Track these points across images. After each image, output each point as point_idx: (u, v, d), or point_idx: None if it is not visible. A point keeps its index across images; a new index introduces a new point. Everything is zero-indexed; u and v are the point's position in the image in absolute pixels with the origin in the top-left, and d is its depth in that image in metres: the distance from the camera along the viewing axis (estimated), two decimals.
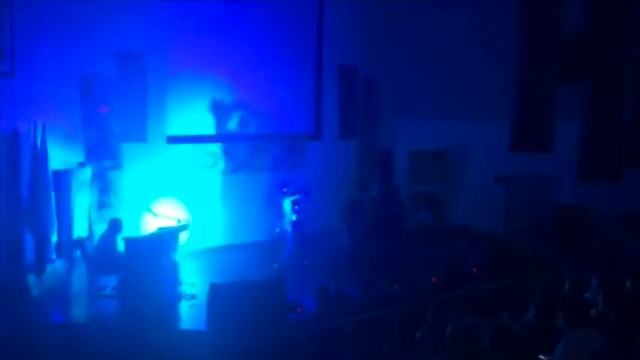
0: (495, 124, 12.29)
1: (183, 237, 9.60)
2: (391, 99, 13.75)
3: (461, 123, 12.95)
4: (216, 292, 8.22)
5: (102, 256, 8.99)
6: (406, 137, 13.76)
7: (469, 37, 12.88)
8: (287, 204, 10.66)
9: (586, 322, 5.09)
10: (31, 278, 8.67)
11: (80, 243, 9.13)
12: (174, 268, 8.95)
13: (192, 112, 11.36)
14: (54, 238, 9.02)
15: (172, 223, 9.45)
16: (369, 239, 12.46)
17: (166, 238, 8.90)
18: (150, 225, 9.85)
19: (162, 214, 9.64)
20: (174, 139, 11.20)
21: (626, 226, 11.12)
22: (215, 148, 11.84)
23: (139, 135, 10.55)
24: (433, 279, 9.69)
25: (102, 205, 10.24)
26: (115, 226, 9.22)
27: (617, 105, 11.51)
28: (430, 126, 13.26)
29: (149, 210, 9.74)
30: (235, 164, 12.10)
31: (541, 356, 4.97)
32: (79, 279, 9.06)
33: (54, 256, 9.13)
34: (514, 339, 4.94)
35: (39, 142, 8.88)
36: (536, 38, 11.94)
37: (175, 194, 11.08)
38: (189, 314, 8.54)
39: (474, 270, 10.19)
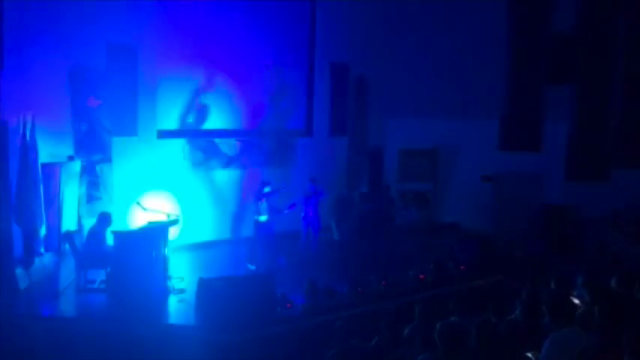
0: (485, 123, 12.35)
1: (172, 231, 9.58)
2: (382, 97, 13.80)
3: (450, 121, 13.03)
4: (204, 287, 8.23)
5: (91, 249, 8.97)
6: (396, 135, 13.82)
7: (459, 36, 12.95)
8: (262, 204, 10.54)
9: (572, 320, 5.15)
10: (19, 271, 8.63)
11: (69, 236, 9.10)
12: (163, 262, 8.94)
13: (182, 107, 11.36)
14: (42, 232, 8.99)
15: (162, 218, 9.43)
16: (358, 236, 12.50)
17: (156, 232, 8.89)
18: (139, 219, 9.83)
19: (152, 209, 9.62)
20: (164, 134, 11.19)
21: (612, 225, 11.24)
22: (205, 143, 11.82)
23: (130, 129, 10.51)
24: (421, 276, 9.75)
25: (91, 198, 10.20)
26: (104, 219, 9.20)
27: (606, 105, 11.61)
28: (420, 124, 13.32)
29: (139, 204, 9.71)
30: (226, 159, 12.09)
31: (528, 354, 5.01)
32: (67, 272, 9.03)
33: (42, 250, 9.10)
34: (501, 337, 4.99)
35: (28, 134, 8.83)
36: (526, 38, 12.01)
37: (165, 189, 11.07)
38: (178, 309, 8.54)
39: (462, 268, 10.27)
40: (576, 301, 5.91)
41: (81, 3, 9.71)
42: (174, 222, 9.48)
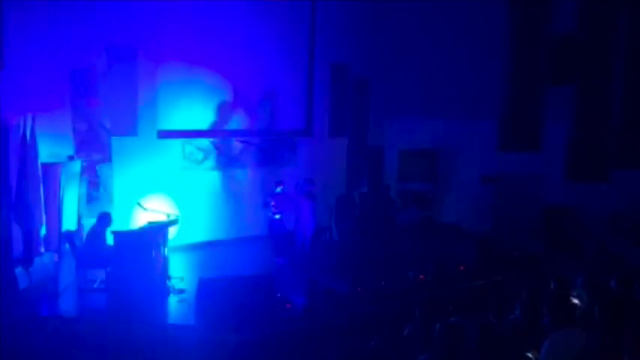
0: (485, 124, 12.36)
1: (172, 231, 9.58)
2: (382, 97, 13.79)
3: (451, 122, 13.02)
4: (204, 287, 8.24)
5: (90, 249, 8.97)
6: (396, 135, 13.82)
7: (459, 36, 12.94)
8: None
9: (572, 320, 5.16)
10: (19, 271, 8.64)
11: (69, 236, 9.11)
12: (163, 262, 8.95)
13: (183, 107, 11.36)
14: (42, 232, 8.99)
15: (162, 218, 9.43)
16: (358, 236, 12.50)
17: (155, 232, 8.89)
18: (139, 219, 9.84)
19: (152, 209, 9.62)
20: (164, 134, 11.19)
21: (611, 227, 11.24)
22: (206, 143, 11.83)
23: (130, 129, 10.52)
24: (421, 276, 9.75)
25: (91, 198, 10.21)
26: (104, 219, 9.20)
27: (606, 106, 11.61)
28: (420, 124, 13.32)
29: (139, 204, 9.72)
30: (226, 159, 12.09)
31: (528, 354, 5.02)
32: (67, 272, 9.04)
33: (42, 249, 9.10)
34: (501, 337, 4.99)
35: (28, 134, 8.83)
36: (526, 38, 12.00)
37: (165, 188, 11.07)
38: (178, 309, 8.54)
39: (462, 268, 10.26)
40: (576, 301, 5.92)
41: (81, 3, 9.71)
42: (174, 222, 9.48)
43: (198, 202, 11.64)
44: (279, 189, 10.71)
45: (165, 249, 9.07)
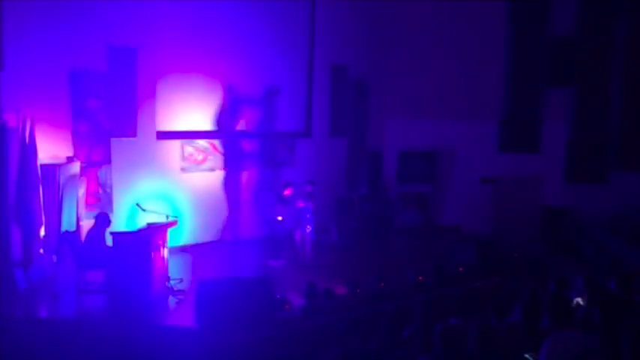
0: (485, 125, 12.39)
1: (171, 232, 9.56)
2: (381, 98, 13.80)
3: (450, 123, 13.03)
4: (204, 289, 8.22)
5: (89, 250, 8.95)
6: (396, 137, 13.82)
7: (459, 38, 12.96)
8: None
9: (571, 322, 5.16)
10: (18, 272, 8.62)
11: (68, 237, 9.09)
12: (162, 263, 8.93)
13: (182, 108, 11.35)
14: (41, 233, 8.98)
15: (161, 219, 9.42)
16: (357, 238, 12.50)
17: (155, 233, 8.87)
18: (138, 220, 9.83)
19: (151, 210, 9.61)
20: (164, 135, 11.18)
21: (611, 227, 11.25)
22: (205, 144, 11.82)
23: (129, 130, 10.51)
24: (420, 278, 9.74)
25: (90, 199, 10.20)
26: (102, 220, 9.18)
27: (604, 108, 11.64)
28: (420, 126, 13.32)
29: (138, 205, 9.71)
30: (225, 161, 12.08)
31: (526, 355, 5.02)
32: (66, 273, 9.02)
33: (41, 251, 9.09)
34: (500, 338, 4.99)
35: (27, 135, 8.82)
36: (526, 41, 12.03)
37: (164, 190, 11.06)
38: (177, 310, 8.53)
39: (461, 269, 10.26)
40: (576, 302, 5.92)
41: (81, 4, 9.71)
42: (173, 223, 9.46)
43: (197, 203, 11.62)
44: (287, 192, 10.75)
45: (165, 250, 9.05)
